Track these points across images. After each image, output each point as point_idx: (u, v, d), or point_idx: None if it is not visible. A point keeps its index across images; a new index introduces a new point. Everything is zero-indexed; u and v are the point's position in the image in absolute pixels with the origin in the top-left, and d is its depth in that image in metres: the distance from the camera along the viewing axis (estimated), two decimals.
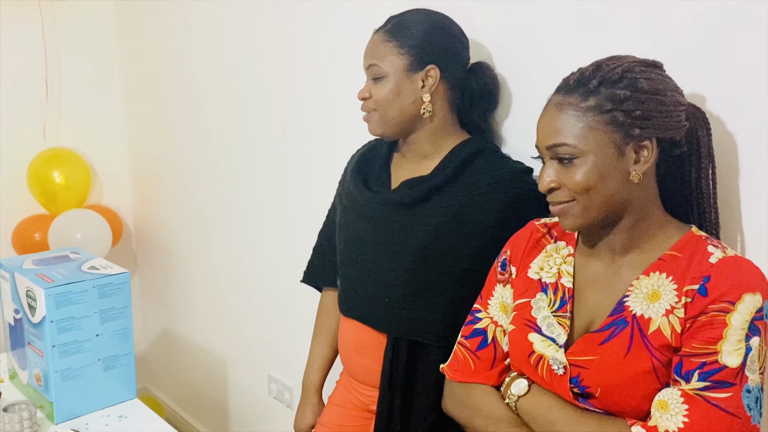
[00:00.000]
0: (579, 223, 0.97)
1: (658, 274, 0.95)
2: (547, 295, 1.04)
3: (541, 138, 0.98)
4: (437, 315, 1.25)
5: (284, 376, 2.20)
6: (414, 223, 1.25)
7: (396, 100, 1.25)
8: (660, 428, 0.89)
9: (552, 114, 0.96)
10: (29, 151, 2.55)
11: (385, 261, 1.29)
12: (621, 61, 0.95)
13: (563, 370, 0.98)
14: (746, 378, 0.87)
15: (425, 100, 1.25)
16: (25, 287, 1.53)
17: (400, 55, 1.24)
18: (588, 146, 0.93)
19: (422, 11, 1.30)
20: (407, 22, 1.26)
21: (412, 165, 1.32)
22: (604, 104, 0.92)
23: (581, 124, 0.93)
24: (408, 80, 1.25)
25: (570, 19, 1.26)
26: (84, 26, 2.65)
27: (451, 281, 1.24)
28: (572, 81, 0.96)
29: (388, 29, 1.27)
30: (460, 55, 1.29)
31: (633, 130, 0.92)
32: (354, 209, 1.36)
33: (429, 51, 1.24)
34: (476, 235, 1.22)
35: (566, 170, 0.95)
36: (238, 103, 2.18)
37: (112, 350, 1.59)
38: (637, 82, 0.92)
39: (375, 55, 1.27)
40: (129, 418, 1.57)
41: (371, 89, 1.28)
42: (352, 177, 1.38)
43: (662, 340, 0.92)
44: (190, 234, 2.57)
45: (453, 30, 1.29)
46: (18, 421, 1.41)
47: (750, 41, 1.03)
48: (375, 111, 1.28)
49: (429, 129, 1.29)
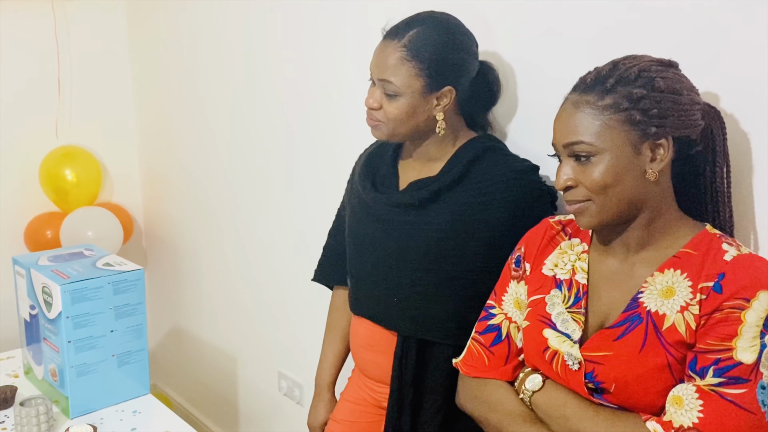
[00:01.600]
0: (595, 222, 0.98)
1: (673, 271, 0.96)
2: (562, 292, 1.05)
3: (557, 136, 0.99)
4: (446, 313, 1.26)
5: (294, 373, 2.21)
6: (422, 223, 1.26)
7: (409, 119, 1.24)
8: (675, 423, 0.89)
9: (569, 112, 0.97)
10: (41, 149, 2.57)
11: (393, 261, 1.30)
12: (637, 60, 0.96)
13: (578, 365, 0.99)
14: (761, 375, 0.88)
15: (439, 119, 1.25)
16: (41, 283, 1.55)
17: (418, 77, 1.21)
18: (605, 144, 0.93)
19: (439, 20, 1.25)
20: (426, 38, 1.21)
21: (420, 166, 1.33)
22: (621, 103, 0.92)
23: (598, 122, 0.93)
24: (423, 101, 1.23)
25: (580, 18, 1.26)
26: (96, 25, 2.67)
27: (459, 280, 1.24)
28: (589, 80, 0.97)
29: (405, 44, 1.21)
30: (471, 65, 1.28)
31: (649, 128, 0.93)
32: (362, 209, 1.37)
33: (446, 72, 1.22)
34: (483, 233, 1.23)
35: (583, 168, 0.96)
36: (248, 102, 2.19)
37: (126, 346, 1.61)
38: (653, 81, 0.93)
39: (389, 71, 1.21)
40: (143, 414, 1.59)
41: (383, 102, 1.24)
42: (360, 178, 1.39)
43: (677, 337, 0.92)
44: (199, 232, 2.59)
45: (469, 44, 1.26)
46: (34, 416, 1.42)
47: (765, 40, 1.03)
48: (383, 123, 1.26)
49: (438, 137, 1.29)
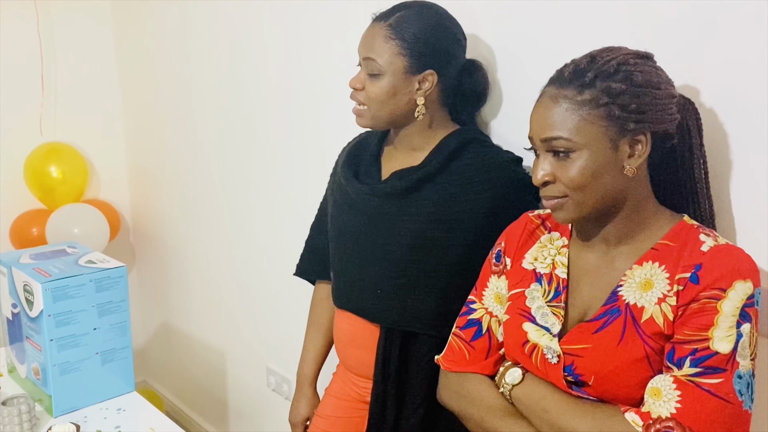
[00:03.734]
0: (573, 217, 0.98)
1: (651, 263, 0.96)
2: (542, 286, 1.05)
3: (535, 130, 0.97)
4: (429, 305, 1.26)
5: (282, 369, 2.21)
6: (404, 214, 1.26)
7: (390, 100, 1.24)
8: (653, 414, 0.89)
9: (547, 106, 0.95)
10: (26, 146, 2.55)
11: (376, 252, 1.29)
12: (615, 53, 0.95)
13: (557, 358, 0.98)
14: (737, 364, 0.88)
15: (419, 103, 1.25)
16: (22, 281, 1.54)
17: (401, 56, 1.22)
18: (583, 140, 0.92)
19: (426, 6, 1.27)
20: (411, 19, 1.23)
21: (402, 156, 1.33)
22: (600, 98, 0.91)
23: (577, 117, 0.92)
24: (405, 81, 1.23)
25: (563, 10, 1.26)
26: (80, 20, 2.65)
27: (442, 270, 1.24)
28: (567, 73, 0.95)
29: (390, 23, 1.23)
30: (458, 57, 1.28)
31: (628, 124, 0.92)
32: (345, 201, 1.36)
33: (430, 54, 1.23)
34: (466, 224, 1.22)
35: (561, 164, 0.95)
36: (235, 98, 2.18)
37: (109, 344, 1.60)
38: (632, 75, 0.92)
39: (374, 49, 1.23)
40: (127, 411, 1.58)
41: (366, 83, 1.26)
42: (343, 169, 1.38)
43: (655, 328, 0.92)
44: (187, 228, 2.58)
45: (455, 31, 1.27)
46: (17, 415, 1.41)
47: (739, 32, 1.03)
48: (366, 106, 1.27)
49: (419, 124, 1.29)
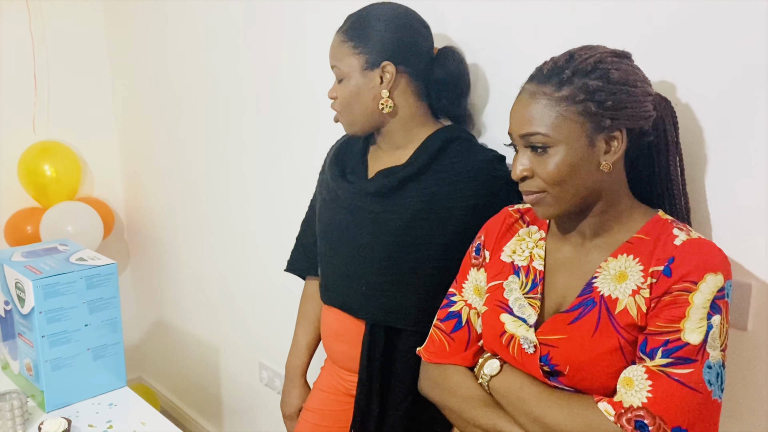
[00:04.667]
0: (553, 212, 1.00)
1: (626, 256, 0.98)
2: (519, 278, 1.07)
3: (514, 125, 1.00)
4: (413, 301, 1.28)
5: (275, 364, 2.23)
6: (389, 212, 1.28)
7: (356, 99, 1.28)
8: (625, 403, 0.91)
9: (525, 102, 0.97)
10: (19, 144, 2.56)
11: (361, 250, 1.32)
12: (593, 51, 0.97)
13: (533, 348, 1.01)
14: (707, 354, 0.90)
15: (383, 96, 1.27)
16: (14, 279, 1.55)
17: (356, 55, 1.27)
18: (560, 136, 0.94)
19: (379, 6, 1.30)
20: (363, 21, 1.28)
21: (388, 155, 1.35)
22: (577, 95, 0.93)
23: (554, 113, 0.94)
24: (366, 79, 1.27)
25: (544, 7, 1.27)
26: (71, 19, 2.66)
27: (426, 268, 1.26)
28: (546, 70, 0.97)
29: (344, 29, 1.29)
30: (419, 46, 1.30)
31: (604, 120, 0.94)
32: (332, 200, 1.38)
33: (383, 47, 1.26)
34: (449, 222, 1.24)
35: (539, 159, 0.97)
36: (226, 95, 2.20)
37: (101, 340, 1.61)
38: (609, 72, 0.94)
39: (335, 56, 1.30)
40: (119, 406, 1.59)
41: (337, 90, 1.31)
42: (330, 168, 1.40)
43: (628, 320, 0.94)
44: (181, 225, 2.59)
45: (410, 22, 1.29)
46: (9, 410, 1.43)
47: (714, 28, 1.05)
48: (341, 114, 1.31)
49: (398, 121, 1.31)
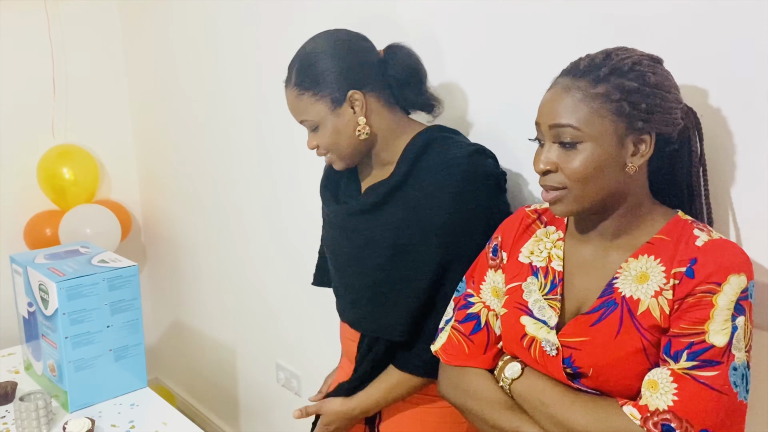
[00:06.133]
0: (571, 210, 0.99)
1: (647, 256, 0.98)
2: (538, 279, 1.07)
3: (544, 116, 0.98)
4: (402, 313, 1.28)
5: (292, 365, 2.24)
6: (377, 226, 1.28)
7: (340, 137, 1.27)
8: (650, 407, 0.91)
9: (559, 95, 0.96)
10: (39, 148, 2.60)
11: (353, 266, 1.34)
12: (630, 53, 0.97)
13: (556, 351, 1.01)
14: (733, 356, 0.90)
15: (360, 123, 1.26)
16: (37, 281, 1.58)
17: (319, 101, 1.25)
18: (592, 132, 0.94)
19: (313, 44, 1.28)
20: (308, 66, 1.25)
21: (377, 171, 1.35)
22: (613, 93, 0.93)
23: (588, 109, 0.94)
24: (339, 117, 1.25)
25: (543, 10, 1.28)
26: (89, 24, 2.69)
27: (416, 277, 1.26)
28: (582, 65, 0.97)
29: (294, 82, 1.26)
30: (368, 60, 1.28)
31: (636, 122, 0.93)
32: (328, 221, 1.42)
33: (340, 81, 1.24)
34: (432, 225, 1.23)
35: (566, 154, 0.96)
36: (245, 97, 2.21)
37: (122, 341, 1.64)
38: (645, 75, 0.94)
39: (299, 111, 1.28)
40: (140, 407, 1.62)
41: (315, 138, 1.29)
42: (321, 191, 1.44)
43: (651, 321, 0.94)
44: (197, 226, 2.61)
45: (349, 44, 1.27)
46: (34, 410, 1.45)
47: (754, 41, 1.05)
48: (329, 153, 1.30)
49: (380, 139, 1.30)
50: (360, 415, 1.37)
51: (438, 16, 1.49)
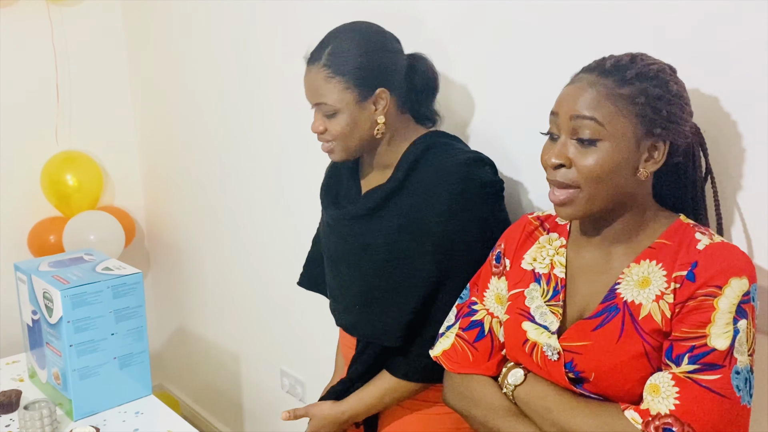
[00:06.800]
0: (581, 213, 0.98)
1: (648, 261, 0.98)
2: (540, 286, 1.07)
3: (566, 106, 0.96)
4: (397, 318, 1.28)
5: (296, 371, 2.24)
6: (374, 231, 1.29)
7: (354, 131, 1.26)
8: (652, 411, 0.91)
9: (584, 89, 0.95)
10: (42, 155, 2.61)
11: (351, 271, 1.34)
12: (652, 59, 0.98)
13: (557, 355, 1.01)
14: (735, 360, 0.89)
15: (380, 122, 1.26)
16: (42, 289, 1.58)
17: (348, 90, 1.23)
18: (613, 130, 0.93)
19: (351, 30, 1.27)
20: (342, 52, 1.23)
21: (377, 174, 1.36)
22: (638, 96, 0.93)
23: (612, 107, 0.93)
24: (361, 110, 1.25)
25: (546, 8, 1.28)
26: (92, 30, 2.70)
27: (411, 282, 1.26)
28: (608, 65, 0.96)
29: (324, 63, 1.24)
30: (399, 63, 1.29)
31: (656, 128, 0.94)
32: (327, 225, 1.42)
33: (373, 76, 1.24)
34: (428, 232, 1.23)
35: (582, 151, 0.95)
36: (247, 103, 2.22)
37: (127, 348, 1.64)
38: (668, 83, 0.95)
39: (320, 93, 1.25)
40: (145, 414, 1.62)
41: (326, 124, 1.27)
42: (321, 195, 1.44)
43: (653, 325, 0.94)
44: (201, 232, 2.62)
45: (386, 43, 1.28)
46: (38, 419, 1.46)
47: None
48: (334, 142, 1.28)
49: (386, 140, 1.31)
50: (349, 420, 1.36)
51: (447, 22, 1.49)
